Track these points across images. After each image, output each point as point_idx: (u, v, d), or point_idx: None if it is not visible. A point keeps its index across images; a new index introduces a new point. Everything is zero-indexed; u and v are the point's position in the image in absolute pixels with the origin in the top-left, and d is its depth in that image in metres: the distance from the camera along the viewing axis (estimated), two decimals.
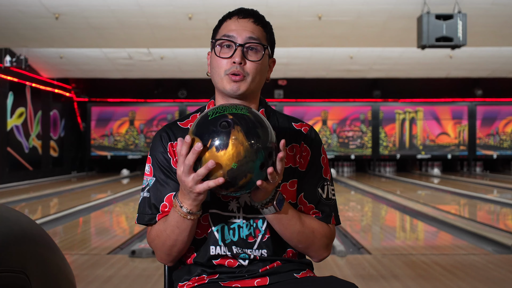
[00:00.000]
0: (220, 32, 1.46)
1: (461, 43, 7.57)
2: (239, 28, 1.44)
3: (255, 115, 1.26)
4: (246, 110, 1.25)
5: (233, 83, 1.42)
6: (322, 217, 1.47)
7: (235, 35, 1.43)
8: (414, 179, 13.65)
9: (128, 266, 4.05)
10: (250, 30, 1.44)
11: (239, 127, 1.20)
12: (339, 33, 10.06)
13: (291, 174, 1.46)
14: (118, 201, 9.08)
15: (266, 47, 1.46)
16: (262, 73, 1.47)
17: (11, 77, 12.34)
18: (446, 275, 3.82)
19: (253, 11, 1.48)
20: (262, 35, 1.46)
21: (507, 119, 16.88)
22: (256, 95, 1.49)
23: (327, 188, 1.50)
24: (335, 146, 16.72)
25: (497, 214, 7.78)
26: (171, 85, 16.36)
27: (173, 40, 10.66)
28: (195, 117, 1.52)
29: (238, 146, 1.19)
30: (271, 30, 1.51)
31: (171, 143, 1.47)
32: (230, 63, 1.42)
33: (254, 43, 1.43)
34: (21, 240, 1.19)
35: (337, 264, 4.10)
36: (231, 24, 1.45)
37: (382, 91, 16.61)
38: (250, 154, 1.20)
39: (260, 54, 1.44)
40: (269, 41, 1.49)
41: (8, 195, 9.51)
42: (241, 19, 1.45)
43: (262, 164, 1.22)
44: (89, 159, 16.61)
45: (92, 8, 8.57)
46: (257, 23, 1.46)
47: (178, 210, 1.34)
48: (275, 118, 1.53)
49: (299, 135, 1.51)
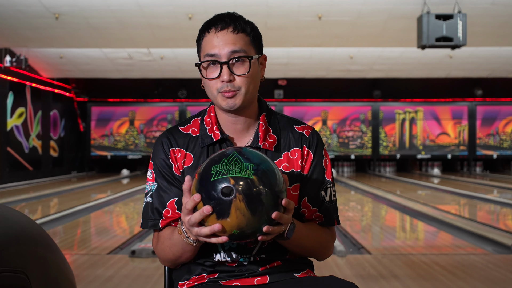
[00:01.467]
0: (202, 49, 1.43)
1: (461, 43, 7.57)
2: (219, 43, 1.39)
3: (262, 175, 1.20)
4: (252, 172, 1.19)
5: (228, 99, 1.41)
6: (325, 221, 1.50)
7: (217, 53, 1.39)
8: (414, 179, 13.65)
9: (128, 266, 4.05)
10: (231, 43, 1.39)
11: (241, 196, 1.17)
12: (339, 33, 10.05)
13: (293, 178, 1.47)
14: (118, 201, 9.08)
15: (251, 58, 1.41)
16: (254, 80, 1.44)
17: (11, 77, 12.34)
18: (446, 275, 3.82)
19: (230, 17, 1.42)
20: (245, 42, 1.41)
21: (507, 119, 16.88)
22: (253, 102, 1.49)
23: (329, 190, 1.51)
24: (335, 146, 16.72)
25: (497, 214, 7.78)
26: (171, 85, 16.35)
27: (173, 40, 10.66)
28: (196, 122, 1.53)
29: (240, 217, 1.17)
30: (253, 29, 1.45)
31: (172, 149, 1.48)
32: (220, 82, 1.40)
33: (239, 57, 1.39)
34: (21, 240, 1.19)
35: (337, 264, 4.10)
36: (211, 39, 1.40)
37: (382, 91, 16.62)
38: (252, 222, 1.18)
39: (247, 65, 1.41)
40: (254, 43, 1.44)
41: (8, 195, 9.51)
42: (219, 32, 1.40)
43: (269, 222, 1.21)
44: (89, 159, 16.61)
45: (92, 8, 8.57)
46: (236, 31, 1.40)
47: (184, 238, 1.35)
48: (276, 121, 1.52)
49: (301, 138, 1.51)
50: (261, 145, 1.46)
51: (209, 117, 1.51)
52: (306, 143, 1.50)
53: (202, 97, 16.34)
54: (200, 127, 1.51)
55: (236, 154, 1.22)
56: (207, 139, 1.48)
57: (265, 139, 1.48)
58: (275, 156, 1.48)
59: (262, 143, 1.47)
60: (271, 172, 1.22)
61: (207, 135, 1.48)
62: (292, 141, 1.50)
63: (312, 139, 1.51)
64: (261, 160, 1.23)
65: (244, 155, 1.22)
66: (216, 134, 1.47)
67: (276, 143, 1.49)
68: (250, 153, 1.24)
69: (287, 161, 1.48)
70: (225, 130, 1.49)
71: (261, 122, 1.49)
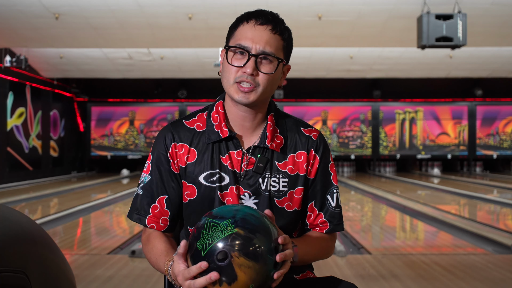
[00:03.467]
0: (235, 36, 1.42)
1: (461, 43, 7.57)
2: (255, 36, 1.38)
3: (243, 223, 1.19)
4: (233, 226, 1.18)
5: (241, 93, 1.39)
6: (330, 229, 1.50)
7: (249, 45, 1.38)
8: (414, 179, 13.65)
9: (128, 266, 4.05)
10: (266, 40, 1.39)
11: (237, 252, 1.16)
12: (339, 33, 10.05)
13: (297, 181, 1.47)
14: (118, 201, 9.08)
15: (281, 60, 1.41)
16: (274, 83, 1.43)
17: (11, 77, 12.34)
18: (446, 275, 3.82)
19: (272, 16, 1.42)
20: (279, 45, 1.41)
21: (507, 119, 16.88)
22: (265, 103, 1.47)
23: (336, 195, 1.51)
24: (335, 146, 16.72)
25: (497, 214, 7.78)
26: (171, 85, 16.35)
27: (173, 40, 10.65)
28: (202, 116, 1.50)
29: (247, 271, 1.16)
30: (289, 37, 1.46)
31: (174, 144, 1.46)
32: (241, 72, 1.38)
33: (269, 55, 1.39)
34: (21, 240, 1.19)
35: (337, 264, 4.10)
36: (248, 30, 1.40)
37: (382, 91, 16.61)
38: (261, 269, 1.18)
39: (274, 66, 1.40)
40: (286, 50, 1.44)
41: (8, 195, 9.51)
42: (258, 26, 1.39)
43: (275, 265, 1.21)
44: (89, 159, 16.60)
45: (92, 8, 8.57)
46: (275, 31, 1.40)
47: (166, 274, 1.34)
48: (283, 122, 1.51)
49: (308, 142, 1.49)
50: (269, 145, 1.45)
51: (217, 113, 1.48)
52: (313, 147, 1.49)
53: (202, 97, 16.34)
54: (206, 122, 1.49)
55: (209, 220, 1.21)
56: (213, 136, 1.45)
57: (273, 140, 1.46)
58: (281, 157, 1.47)
59: (270, 143, 1.45)
60: (249, 215, 1.21)
61: (214, 131, 1.46)
62: (298, 143, 1.49)
63: (319, 143, 1.51)
64: (234, 210, 1.22)
65: (217, 216, 1.22)
66: (224, 131, 1.45)
67: (283, 145, 1.48)
68: (221, 211, 1.23)
69: (292, 163, 1.47)
70: (233, 126, 1.47)
71: (269, 122, 1.47)
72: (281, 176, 1.45)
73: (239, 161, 1.45)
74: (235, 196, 1.43)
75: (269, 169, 1.45)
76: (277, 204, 1.45)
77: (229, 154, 1.45)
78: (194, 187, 1.45)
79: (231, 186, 1.43)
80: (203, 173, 1.44)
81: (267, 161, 1.45)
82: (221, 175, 1.44)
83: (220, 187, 1.43)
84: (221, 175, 1.44)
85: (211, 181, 1.44)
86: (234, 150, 1.45)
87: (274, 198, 1.45)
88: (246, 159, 1.45)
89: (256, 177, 1.44)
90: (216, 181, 1.43)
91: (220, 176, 1.44)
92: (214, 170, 1.44)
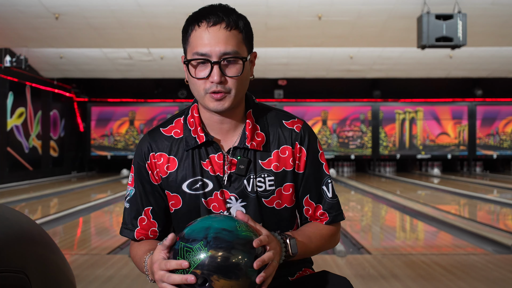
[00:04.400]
0: (191, 44, 1.33)
1: (461, 43, 7.57)
2: (211, 41, 1.30)
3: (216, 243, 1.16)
4: (206, 249, 1.15)
5: (216, 102, 1.32)
6: (330, 220, 1.46)
7: (208, 52, 1.30)
8: (414, 179, 13.65)
9: (128, 266, 4.05)
10: (223, 41, 1.30)
11: (215, 276, 1.14)
12: (339, 33, 10.05)
13: (285, 178, 1.42)
14: (118, 201, 9.08)
15: (245, 59, 1.33)
16: (245, 82, 1.37)
17: (11, 77, 12.34)
18: (446, 275, 3.82)
19: (223, 11, 1.33)
20: (238, 40, 1.32)
21: (507, 119, 16.87)
22: (241, 102, 1.41)
23: (331, 185, 1.47)
24: (335, 146, 16.71)
25: (497, 214, 7.77)
26: (171, 85, 16.35)
27: (173, 40, 10.65)
28: (179, 122, 1.45)
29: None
30: (246, 25, 1.36)
31: (152, 154, 1.42)
32: (209, 82, 1.31)
33: (231, 57, 1.31)
34: (21, 240, 1.19)
35: (337, 264, 4.10)
36: (202, 35, 1.31)
37: (382, 91, 16.61)
38: (245, 282, 1.16)
39: (240, 66, 1.32)
40: (246, 40, 1.36)
41: (8, 195, 9.51)
42: (211, 28, 1.31)
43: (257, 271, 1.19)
44: (89, 159, 16.60)
45: (92, 8, 8.57)
46: (230, 27, 1.31)
47: (145, 273, 1.33)
48: (264, 118, 1.45)
49: (292, 135, 1.43)
50: (249, 145, 1.40)
51: (192, 117, 1.43)
52: (298, 140, 1.43)
53: None
54: (183, 127, 1.43)
55: (182, 245, 1.18)
56: (191, 142, 1.40)
57: (253, 139, 1.40)
58: (265, 155, 1.41)
59: (250, 143, 1.40)
60: (221, 232, 1.18)
61: (191, 137, 1.41)
62: (282, 138, 1.43)
63: (304, 135, 1.44)
64: (205, 229, 1.18)
65: (189, 239, 1.18)
66: (201, 137, 1.40)
67: (265, 142, 1.42)
68: (192, 232, 1.19)
69: (277, 160, 1.42)
70: (210, 130, 1.42)
71: (247, 120, 1.41)
72: (266, 175, 1.40)
73: (221, 164, 1.39)
74: (221, 201, 1.39)
75: (253, 169, 1.40)
76: (266, 204, 1.41)
77: (210, 158, 1.40)
78: (179, 196, 1.42)
79: (215, 192, 1.39)
80: (185, 181, 1.40)
81: (249, 162, 1.39)
82: (204, 181, 1.40)
83: (204, 194, 1.40)
84: (204, 181, 1.40)
85: (195, 189, 1.40)
86: (214, 154, 1.40)
87: (262, 199, 1.40)
88: (228, 161, 1.39)
89: (241, 179, 1.39)
90: (200, 188, 1.40)
91: (202, 182, 1.40)
92: (196, 177, 1.40)
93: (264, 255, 1.18)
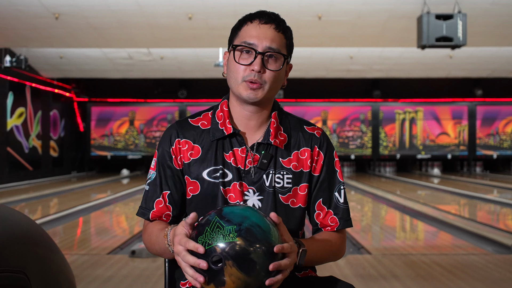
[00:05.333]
0: (240, 36, 1.45)
1: (461, 43, 7.57)
2: (260, 35, 1.43)
3: (247, 234, 1.18)
4: (235, 234, 1.18)
5: (250, 90, 1.42)
6: (340, 225, 1.51)
7: (255, 43, 1.42)
8: (414, 179, 13.65)
9: (128, 266, 4.05)
10: (270, 38, 1.43)
11: (231, 262, 1.16)
12: (339, 33, 10.05)
13: (302, 178, 1.48)
14: (118, 201, 9.08)
15: (286, 57, 1.46)
16: (280, 81, 1.46)
17: (11, 77, 12.34)
18: (446, 275, 3.82)
19: (275, 16, 1.47)
20: (282, 43, 1.45)
21: (507, 119, 16.88)
22: (271, 101, 1.50)
23: (343, 192, 1.53)
24: (335, 146, 16.71)
25: (497, 214, 7.78)
26: (171, 85, 16.35)
27: (173, 40, 10.66)
28: (207, 116, 1.53)
29: (236, 281, 1.17)
30: (291, 36, 1.50)
31: (178, 140, 1.49)
32: (249, 70, 1.41)
33: (275, 53, 1.43)
34: (21, 240, 1.19)
35: (337, 264, 4.10)
36: (252, 29, 1.44)
37: (382, 91, 16.61)
38: (250, 283, 1.18)
39: (280, 63, 1.44)
40: (289, 48, 1.49)
41: (8, 195, 9.51)
42: (262, 25, 1.44)
43: (268, 274, 1.19)
44: (89, 159, 16.60)
45: (92, 8, 8.57)
46: (278, 29, 1.45)
47: (167, 244, 1.36)
48: (287, 121, 1.53)
49: (312, 139, 1.52)
50: (272, 141, 1.47)
51: (221, 112, 1.51)
52: (317, 144, 1.51)
53: (202, 97, 16.33)
54: (211, 120, 1.51)
55: (217, 219, 1.20)
56: (218, 133, 1.48)
57: (276, 136, 1.48)
58: (285, 154, 1.48)
59: (273, 140, 1.47)
60: (255, 226, 1.20)
61: (218, 129, 1.48)
62: (302, 140, 1.51)
63: (323, 140, 1.53)
64: (243, 217, 1.21)
65: (225, 217, 1.20)
66: (228, 128, 1.47)
67: (286, 142, 1.50)
68: (231, 214, 1.22)
69: (296, 160, 1.49)
70: (237, 125, 1.50)
71: (272, 120, 1.50)
72: (285, 173, 1.47)
73: (243, 158, 1.46)
74: (239, 192, 1.44)
75: (273, 165, 1.47)
76: (282, 200, 1.46)
77: (233, 151, 1.47)
78: (198, 183, 1.47)
79: (234, 183, 1.45)
80: (206, 169, 1.46)
81: (271, 157, 1.47)
82: (224, 172, 1.45)
83: (223, 183, 1.45)
84: (224, 171, 1.45)
85: (214, 177, 1.45)
86: (238, 147, 1.47)
87: (278, 194, 1.46)
88: (251, 156, 1.46)
89: (260, 174, 1.45)
90: (219, 177, 1.45)
91: (223, 172, 1.45)
92: (217, 166, 1.46)
93: (282, 261, 1.21)
